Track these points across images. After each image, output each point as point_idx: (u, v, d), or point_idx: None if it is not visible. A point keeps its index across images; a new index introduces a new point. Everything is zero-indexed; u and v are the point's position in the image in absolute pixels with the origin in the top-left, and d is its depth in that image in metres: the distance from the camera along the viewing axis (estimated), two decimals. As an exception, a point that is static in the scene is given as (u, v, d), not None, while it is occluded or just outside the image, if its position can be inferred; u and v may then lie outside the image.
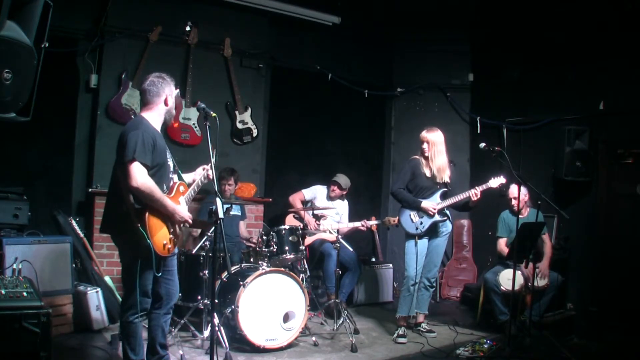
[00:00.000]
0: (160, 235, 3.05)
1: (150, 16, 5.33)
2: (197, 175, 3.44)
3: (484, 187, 4.54)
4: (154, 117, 3.21)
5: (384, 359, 4.18)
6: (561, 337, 4.58)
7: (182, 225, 3.22)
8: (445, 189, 4.65)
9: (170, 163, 3.26)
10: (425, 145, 4.62)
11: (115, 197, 3.08)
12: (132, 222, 2.94)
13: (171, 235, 3.14)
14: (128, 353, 3.10)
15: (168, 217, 3.11)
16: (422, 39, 6.98)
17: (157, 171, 3.09)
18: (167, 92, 3.23)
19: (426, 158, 4.63)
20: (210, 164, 3.26)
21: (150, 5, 5.38)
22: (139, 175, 2.91)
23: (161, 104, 3.22)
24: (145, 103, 3.22)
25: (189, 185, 3.36)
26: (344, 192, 5.73)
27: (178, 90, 3.38)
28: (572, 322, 5.12)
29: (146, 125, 3.11)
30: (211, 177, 3.34)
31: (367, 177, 7.10)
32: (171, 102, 3.26)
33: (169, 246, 3.12)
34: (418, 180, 4.64)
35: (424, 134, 4.65)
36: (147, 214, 2.97)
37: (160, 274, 3.11)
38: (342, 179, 5.68)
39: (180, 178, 3.35)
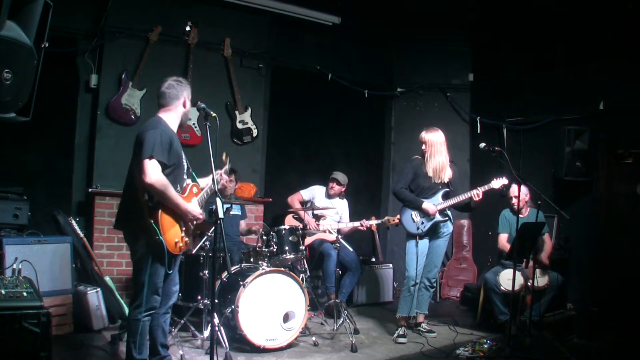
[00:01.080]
0: (172, 233, 3.09)
1: (150, 16, 5.33)
2: (210, 180, 3.45)
3: (486, 187, 4.54)
4: (172, 118, 3.25)
5: (384, 359, 4.17)
6: (561, 337, 4.58)
7: (194, 223, 3.25)
8: (447, 190, 4.64)
9: (185, 165, 3.30)
10: (424, 146, 4.63)
11: (130, 194, 3.12)
12: (145, 219, 2.98)
13: (183, 234, 3.18)
14: (132, 351, 3.09)
15: (180, 216, 3.15)
16: (422, 39, 6.98)
17: (172, 171, 3.13)
18: (185, 95, 3.29)
19: (426, 158, 4.64)
20: (213, 172, 3.23)
21: (150, 5, 5.38)
22: (154, 172, 2.94)
23: (180, 106, 3.27)
24: (163, 105, 3.26)
25: (202, 188, 3.39)
26: (343, 189, 5.73)
27: None
28: (572, 322, 5.12)
29: (164, 125, 3.16)
30: (221, 180, 3.36)
31: (367, 177, 7.10)
32: (189, 105, 3.32)
33: (180, 244, 3.15)
34: (420, 181, 4.64)
35: (422, 134, 4.66)
36: (160, 212, 3.01)
37: (171, 271, 3.15)
38: (340, 176, 5.69)
39: (194, 180, 3.38)
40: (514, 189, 4.96)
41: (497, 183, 4.56)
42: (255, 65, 6.04)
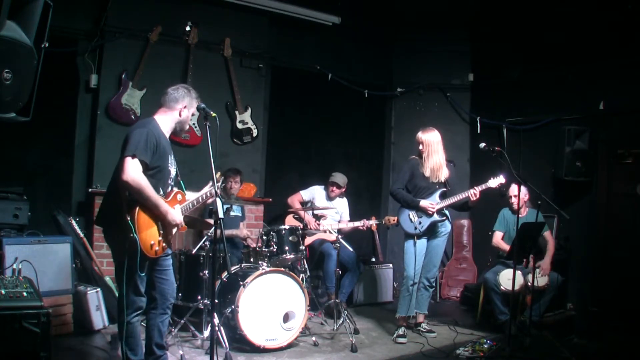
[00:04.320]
0: (148, 234, 3.02)
1: (150, 16, 5.34)
2: (202, 192, 3.39)
3: (483, 187, 4.54)
4: (166, 121, 3.22)
5: (384, 359, 4.17)
6: (561, 337, 4.58)
7: (173, 229, 3.17)
8: (444, 189, 4.65)
9: (173, 170, 3.24)
10: (420, 146, 4.63)
11: (113, 191, 3.09)
12: (122, 215, 2.93)
13: (160, 238, 3.10)
14: (127, 353, 3.09)
15: (159, 218, 3.08)
16: (422, 39, 6.98)
17: (155, 173, 3.08)
18: (185, 102, 3.23)
19: (423, 158, 4.64)
20: (213, 172, 3.16)
21: (150, 5, 5.39)
22: (132, 170, 2.90)
23: (176, 112, 3.23)
24: (160, 105, 3.25)
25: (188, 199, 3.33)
26: (343, 190, 5.73)
27: None
28: (572, 322, 5.12)
29: (154, 126, 3.13)
30: (214, 193, 3.23)
31: (367, 177, 7.10)
32: (185, 115, 3.25)
33: (156, 248, 3.07)
34: (417, 180, 4.64)
35: (419, 134, 4.66)
36: (137, 209, 2.96)
37: (143, 274, 3.07)
38: (339, 178, 5.68)
39: (181, 189, 3.32)
40: (513, 188, 4.97)
41: (495, 182, 4.56)
42: (255, 65, 6.04)
